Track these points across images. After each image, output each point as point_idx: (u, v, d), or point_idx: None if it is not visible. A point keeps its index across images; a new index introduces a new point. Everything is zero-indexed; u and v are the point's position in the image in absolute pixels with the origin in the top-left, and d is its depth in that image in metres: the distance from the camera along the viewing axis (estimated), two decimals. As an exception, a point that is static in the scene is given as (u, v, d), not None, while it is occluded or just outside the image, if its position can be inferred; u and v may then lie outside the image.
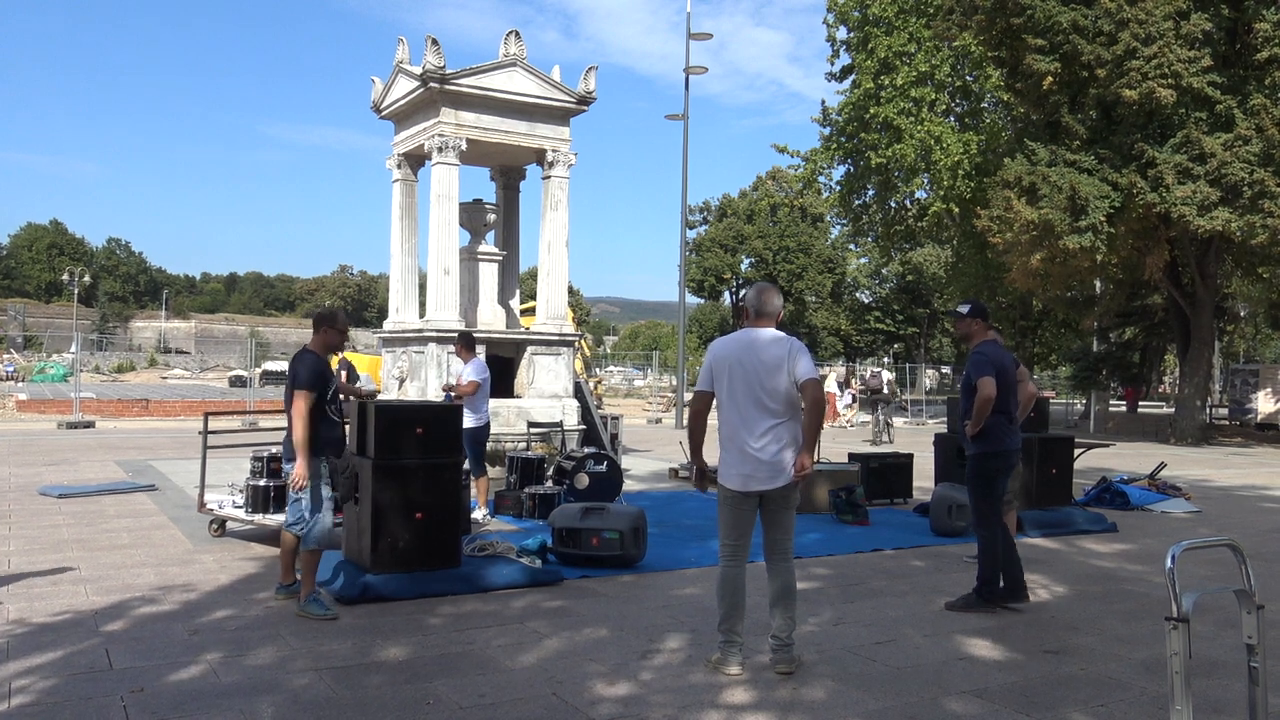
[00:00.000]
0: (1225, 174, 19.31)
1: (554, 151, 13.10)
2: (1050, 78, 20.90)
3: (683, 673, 4.77)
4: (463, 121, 12.41)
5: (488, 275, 13.47)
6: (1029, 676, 4.85)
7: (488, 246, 13.60)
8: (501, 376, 12.31)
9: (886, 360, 66.28)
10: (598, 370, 41.05)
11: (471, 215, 13.20)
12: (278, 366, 50.18)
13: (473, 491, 9.16)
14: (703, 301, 76.52)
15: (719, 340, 5.04)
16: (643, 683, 4.62)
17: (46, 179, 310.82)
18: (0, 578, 6.52)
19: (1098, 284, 27.49)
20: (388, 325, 13.95)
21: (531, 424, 12.18)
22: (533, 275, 16.69)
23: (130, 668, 4.69)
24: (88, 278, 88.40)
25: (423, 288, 13.33)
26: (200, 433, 8.97)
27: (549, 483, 9.93)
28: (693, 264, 67.55)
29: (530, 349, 13.07)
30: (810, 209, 65.03)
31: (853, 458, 11.63)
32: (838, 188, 31.47)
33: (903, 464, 11.54)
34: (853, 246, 55.05)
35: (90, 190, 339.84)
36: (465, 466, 8.86)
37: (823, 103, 30.76)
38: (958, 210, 28.13)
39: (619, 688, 4.54)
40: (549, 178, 13.25)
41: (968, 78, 29.09)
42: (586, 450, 10.64)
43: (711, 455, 4.93)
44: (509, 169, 14.37)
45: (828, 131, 30.45)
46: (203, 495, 8.30)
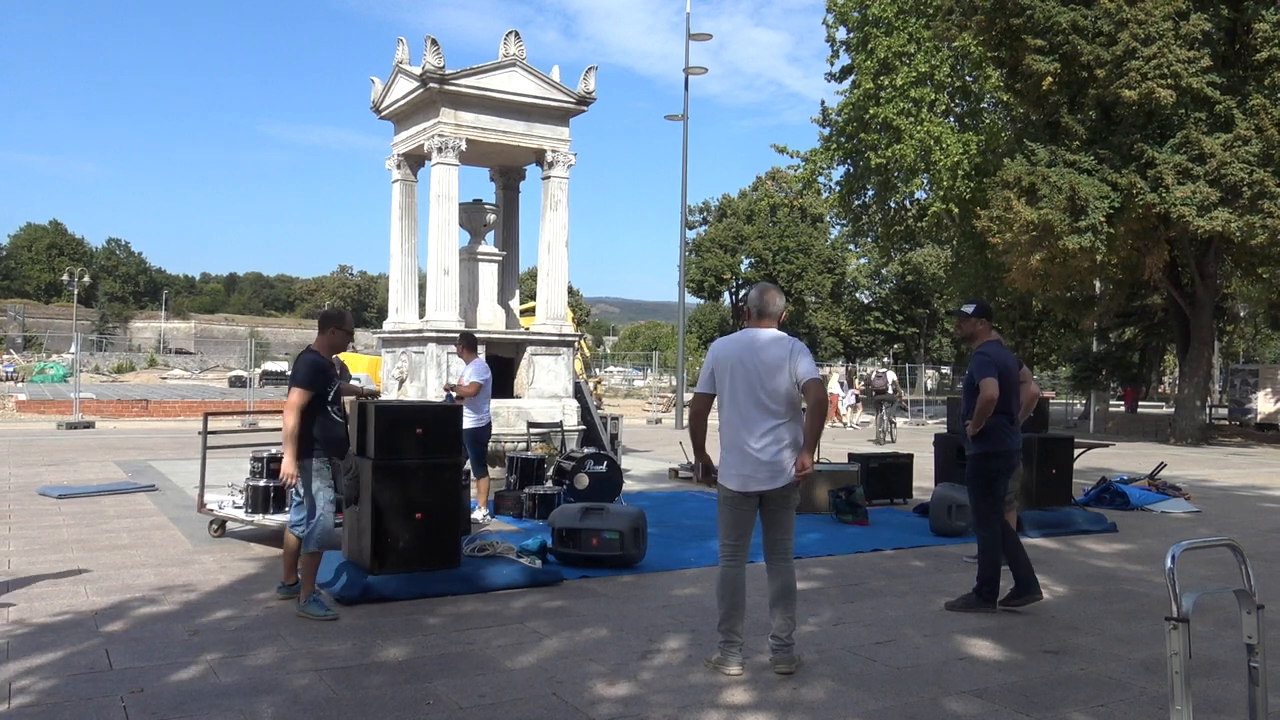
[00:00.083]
0: (1225, 174, 19.31)
1: (553, 152, 13.10)
2: (1050, 78, 20.91)
3: (683, 673, 4.77)
4: (462, 122, 12.41)
5: (487, 275, 13.47)
6: (1029, 676, 4.85)
7: (487, 247, 13.60)
8: (501, 377, 12.31)
9: (886, 360, 66.32)
10: (597, 370, 41.04)
11: (471, 215, 13.20)
12: (277, 367, 50.19)
13: (473, 491, 9.16)
14: (702, 302, 76.56)
15: (720, 340, 5.03)
16: (643, 683, 4.62)
17: (46, 179, 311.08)
18: (3, 581, 6.51)
19: (1097, 284, 27.50)
20: (387, 325, 13.95)
21: (531, 424, 12.18)
22: (532, 275, 16.68)
23: (130, 668, 4.69)
24: (87, 278, 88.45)
25: (422, 288, 13.32)
26: (200, 433, 8.97)
27: (549, 483, 9.93)
28: (692, 264, 67.59)
29: (530, 349, 13.07)
30: (810, 209, 65.11)
31: (852, 458, 11.64)
32: (837, 188, 31.47)
33: (903, 464, 11.54)
34: (852, 247, 55.04)
35: (90, 190, 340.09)
36: (466, 467, 8.88)
37: (822, 103, 30.79)
38: (957, 210, 28.13)
39: (619, 688, 4.54)
40: (549, 178, 13.25)
41: (967, 78, 29.09)
42: (586, 450, 10.64)
43: (712, 455, 4.94)
44: (509, 169, 14.37)
45: (827, 132, 30.45)
46: (203, 495, 8.30)
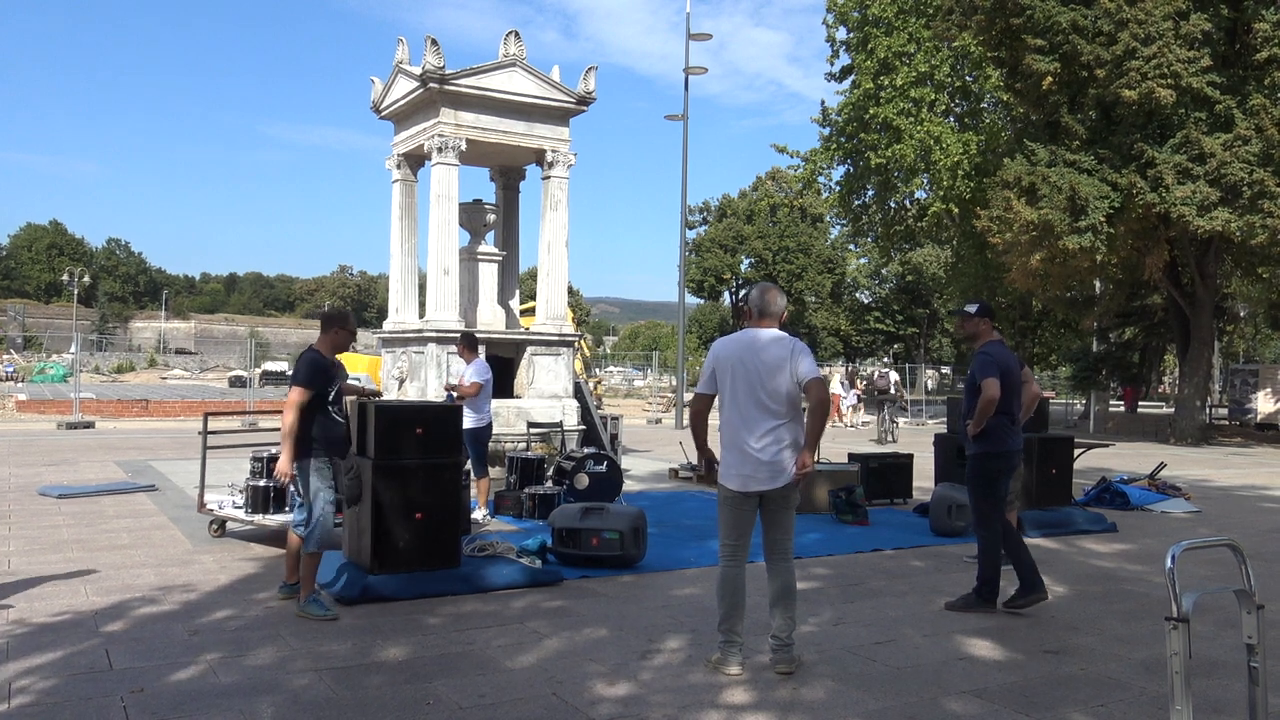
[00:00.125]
0: (1225, 174, 19.31)
1: (553, 152, 13.09)
2: (1050, 78, 20.91)
3: (682, 673, 4.77)
4: (462, 122, 12.41)
5: (487, 275, 13.47)
6: (1029, 676, 4.85)
7: (487, 247, 13.60)
8: (501, 377, 12.31)
9: (886, 360, 66.33)
10: (597, 370, 41.04)
11: (471, 215, 13.19)
12: (277, 367, 50.22)
13: (473, 491, 9.16)
14: (702, 302, 76.58)
15: (721, 340, 5.03)
16: (643, 683, 4.62)
17: (46, 179, 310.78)
18: (3, 581, 6.51)
19: (1097, 284, 27.50)
20: (387, 325, 13.94)
21: (531, 424, 12.18)
22: (532, 275, 16.68)
23: (130, 668, 4.69)
24: (87, 278, 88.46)
25: (422, 288, 13.32)
26: (200, 433, 8.97)
27: (549, 483, 9.93)
28: (692, 264, 67.60)
29: (530, 349, 13.07)
30: (810, 209, 65.12)
31: (852, 458, 11.63)
32: (837, 188, 31.47)
33: (902, 464, 11.54)
34: (852, 247, 55.09)
35: (90, 190, 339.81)
36: (466, 467, 8.88)
37: (822, 103, 30.79)
38: (957, 210, 28.14)
39: (619, 688, 4.54)
40: (549, 178, 13.25)
41: (967, 78, 29.09)
42: (586, 450, 10.64)
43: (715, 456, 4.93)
44: (509, 169, 14.37)
45: (827, 132, 30.45)
46: (202, 495, 8.30)
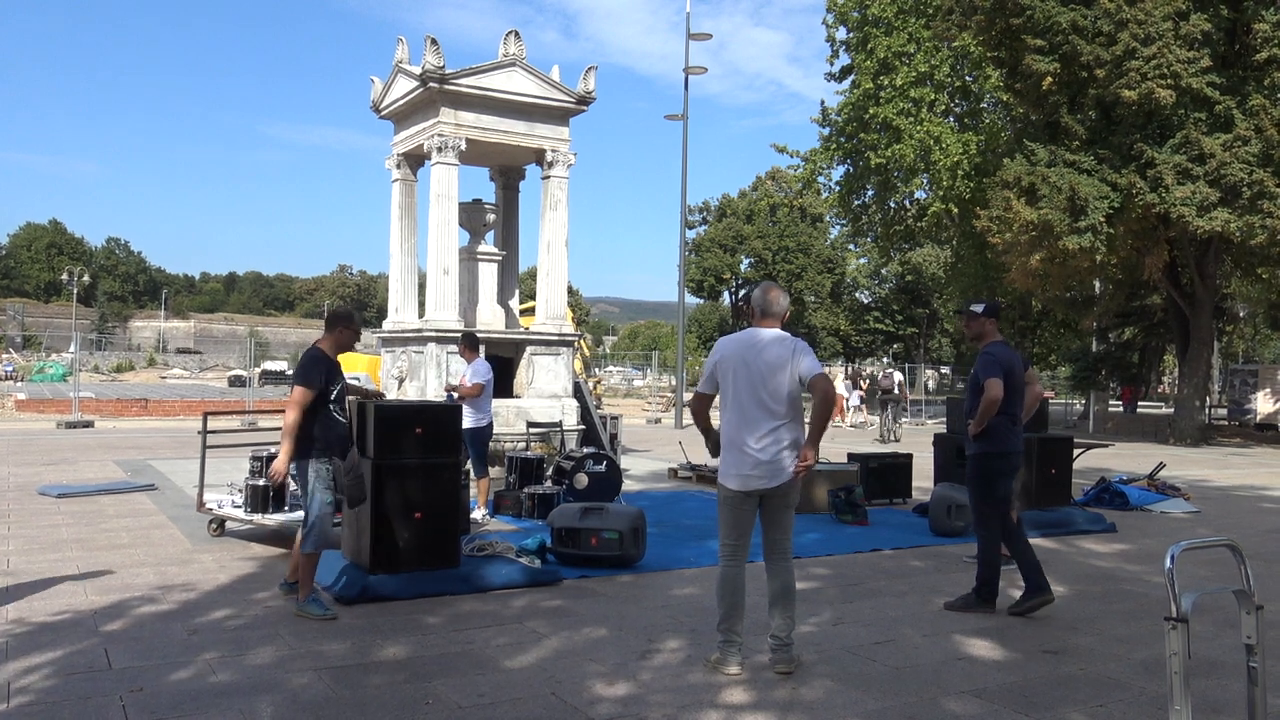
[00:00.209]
0: (1224, 174, 19.32)
1: (553, 151, 13.09)
2: (1050, 78, 20.91)
3: (682, 672, 4.77)
4: (462, 121, 12.40)
5: (487, 275, 13.47)
6: (1028, 677, 4.85)
7: (487, 246, 13.60)
8: (501, 376, 12.31)
9: (886, 360, 66.33)
10: (597, 370, 41.04)
11: (471, 215, 13.20)
12: (277, 366, 50.24)
13: (472, 491, 9.16)
14: (702, 301, 76.57)
15: (723, 339, 5.01)
16: (642, 682, 4.62)
17: (46, 179, 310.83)
18: (2, 580, 6.52)
19: (1097, 284, 27.50)
20: (387, 325, 13.94)
21: (531, 424, 12.18)
22: (532, 275, 16.68)
23: (129, 667, 4.69)
24: (87, 277, 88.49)
25: (422, 288, 13.32)
26: (199, 432, 8.96)
27: (548, 483, 9.92)
28: (692, 264, 67.57)
29: (529, 349, 13.07)
30: (810, 209, 65.10)
31: (852, 458, 11.63)
32: (837, 188, 31.49)
33: (902, 464, 11.54)
34: (852, 247, 55.05)
35: (90, 190, 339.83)
36: (467, 467, 8.88)
37: (822, 103, 30.80)
38: (957, 210, 28.14)
39: (618, 687, 4.54)
40: (548, 178, 13.25)
41: (967, 78, 29.10)
42: (586, 450, 10.64)
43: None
44: (508, 169, 14.37)
45: (827, 132, 30.46)
46: (202, 495, 8.29)
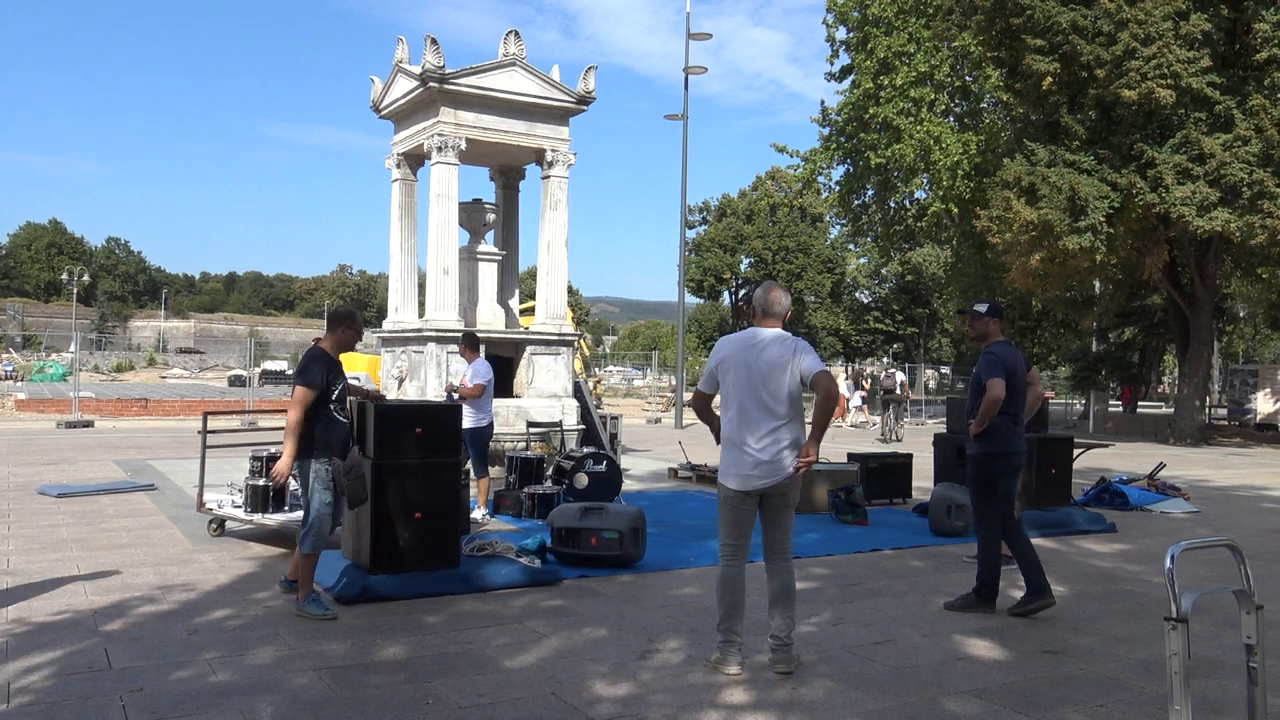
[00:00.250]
0: (1224, 174, 19.32)
1: (553, 151, 13.09)
2: (1050, 78, 20.91)
3: (682, 672, 4.77)
4: (462, 121, 12.40)
5: (487, 275, 13.47)
6: (1028, 677, 4.85)
7: (487, 246, 13.60)
8: (501, 376, 12.31)
9: (886, 360, 66.35)
10: (597, 370, 41.05)
11: (471, 215, 13.19)
12: (277, 366, 50.23)
13: (472, 491, 9.16)
14: (702, 301, 76.57)
15: (724, 339, 5.01)
16: (642, 682, 4.62)
17: (46, 178, 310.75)
18: (2, 580, 6.52)
19: (1097, 284, 27.50)
20: (387, 325, 13.94)
21: (531, 424, 12.18)
22: (532, 275, 16.68)
23: (129, 667, 4.69)
24: (87, 277, 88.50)
25: (422, 287, 13.32)
26: (199, 432, 8.96)
27: (548, 482, 9.92)
28: (692, 264, 67.58)
29: (529, 349, 13.07)
30: (810, 209, 65.10)
31: (852, 458, 11.63)
32: (837, 188, 31.48)
33: (902, 464, 11.54)
34: (852, 246, 55.06)
35: (90, 190, 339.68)
36: (467, 466, 8.88)
37: (822, 103, 30.80)
38: (957, 210, 28.15)
39: (618, 687, 4.54)
40: (548, 177, 13.25)
41: (967, 78, 29.10)
42: (586, 450, 10.63)
43: (713, 455, 4.93)
44: (508, 169, 14.37)
45: (827, 132, 30.46)
46: (202, 495, 8.29)
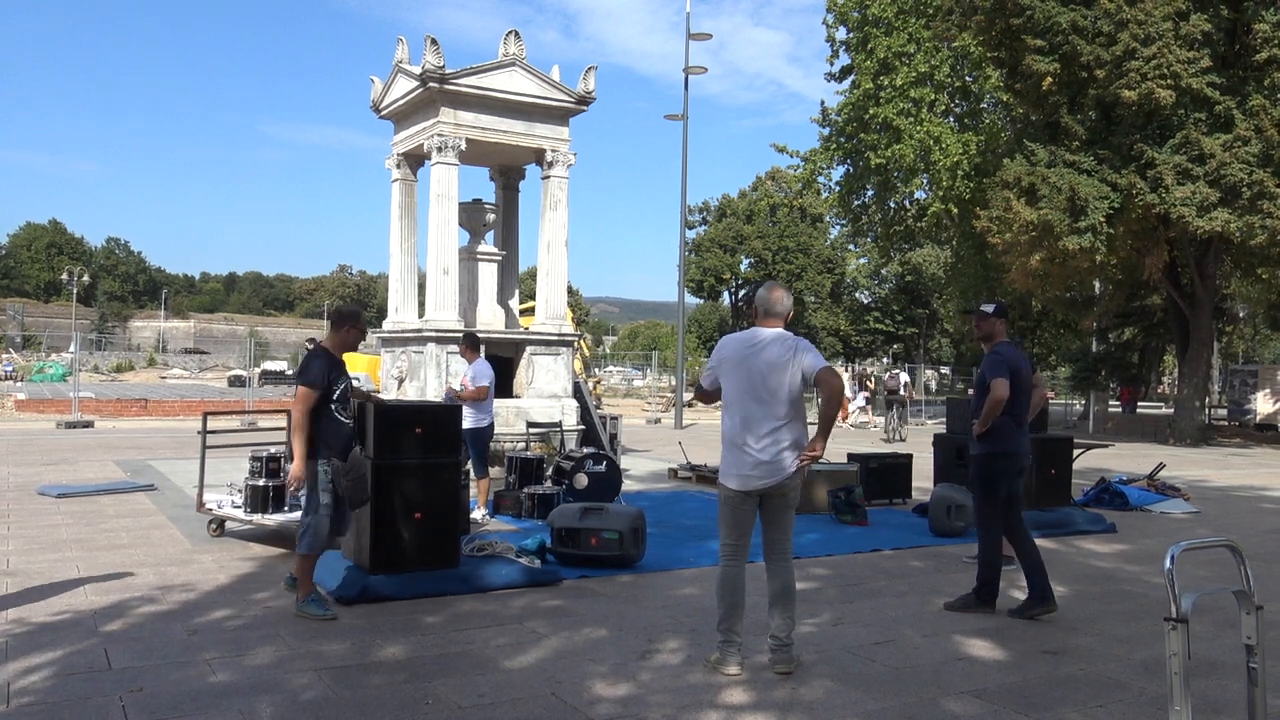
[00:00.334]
0: (1224, 175, 19.31)
1: (553, 151, 13.10)
2: (1050, 78, 20.91)
3: (681, 673, 4.77)
4: (462, 121, 12.41)
5: (487, 275, 13.48)
6: (1028, 677, 4.85)
7: (487, 246, 13.60)
8: (501, 376, 12.32)
9: (886, 360, 66.36)
10: (597, 370, 41.05)
11: (471, 215, 13.20)
12: (277, 366, 50.23)
13: (472, 491, 9.16)
14: (702, 302, 76.58)
15: (725, 339, 5.00)
16: (641, 683, 4.62)
17: (46, 178, 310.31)
18: (1, 581, 6.52)
19: (1097, 284, 27.50)
20: (387, 325, 13.95)
21: (530, 424, 12.19)
22: (532, 275, 16.68)
23: (129, 667, 4.69)
24: (87, 277, 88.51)
25: (422, 287, 13.33)
26: (199, 432, 8.96)
27: (548, 483, 9.92)
28: (692, 264, 67.58)
29: (529, 349, 13.08)
30: (809, 209, 65.10)
31: (852, 458, 11.62)
32: (837, 188, 31.45)
33: (902, 464, 11.53)
34: (852, 247, 55.07)
35: (90, 190, 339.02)
36: (467, 467, 8.88)
37: (822, 103, 30.77)
38: (957, 211, 28.12)
39: (618, 688, 4.54)
40: (548, 178, 13.25)
41: (967, 78, 29.08)
42: (585, 450, 10.63)
43: (713, 455, 4.93)
44: (508, 169, 14.37)
45: (827, 132, 30.43)
46: (201, 495, 8.29)
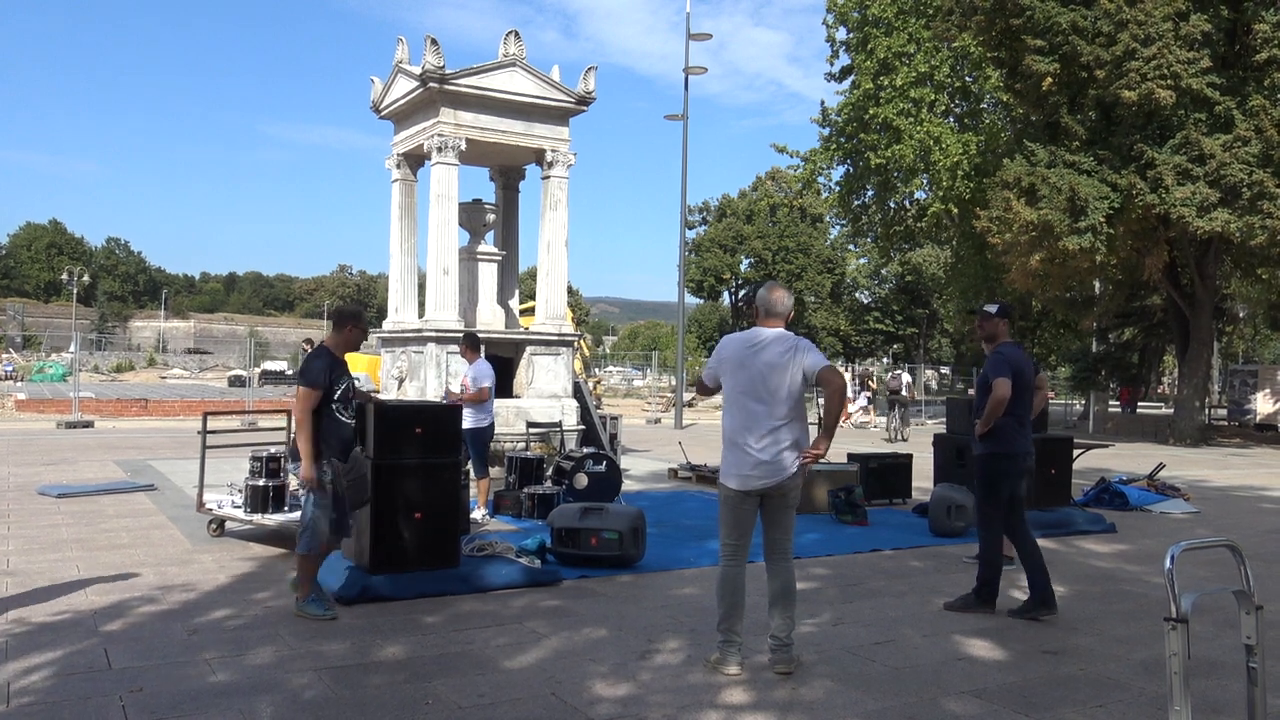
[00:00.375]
0: (1224, 175, 19.32)
1: (553, 151, 13.10)
2: (1050, 78, 20.91)
3: (681, 673, 4.77)
4: (462, 121, 12.41)
5: (487, 275, 13.48)
6: (1028, 677, 4.85)
7: (487, 246, 13.60)
8: (501, 376, 12.32)
9: (886, 360, 66.38)
10: (597, 370, 41.05)
11: (471, 215, 13.20)
12: (277, 366, 50.25)
13: (472, 491, 9.16)
14: (702, 302, 76.59)
15: (726, 338, 5.00)
16: (641, 683, 4.62)
17: (46, 178, 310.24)
18: (2, 580, 6.52)
19: (1097, 285, 27.50)
20: (387, 325, 13.94)
21: (530, 424, 12.18)
22: (532, 275, 16.68)
23: (129, 667, 4.69)
24: (87, 277, 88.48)
25: (422, 288, 13.33)
26: (199, 432, 8.96)
27: (548, 483, 9.92)
28: (692, 264, 67.59)
29: (529, 349, 13.08)
30: (809, 209, 65.12)
31: (852, 458, 11.62)
32: (837, 188, 31.46)
33: (902, 464, 11.53)
34: (852, 247, 55.05)
35: (90, 190, 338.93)
36: (467, 467, 8.88)
37: (822, 103, 30.77)
38: (957, 211, 28.12)
39: (618, 688, 4.54)
40: (548, 178, 13.25)
41: (967, 78, 29.08)
42: (585, 450, 10.63)
43: (713, 455, 4.93)
44: (508, 169, 14.37)
45: (827, 132, 30.43)
46: (201, 495, 8.29)
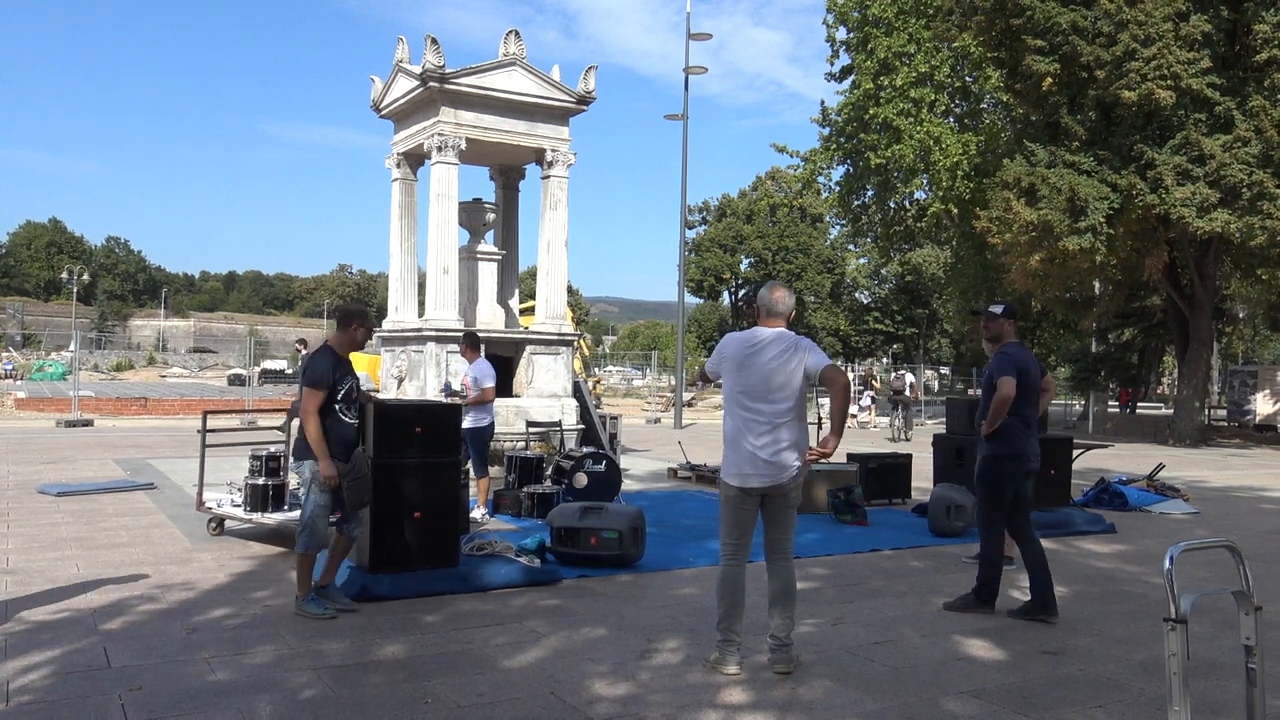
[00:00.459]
0: (1224, 175, 19.33)
1: (553, 151, 13.10)
2: (1050, 79, 20.92)
3: (681, 672, 4.77)
4: (462, 121, 12.41)
5: (487, 275, 13.48)
6: (1027, 677, 4.85)
7: (487, 246, 13.60)
8: (500, 376, 12.33)
9: (886, 360, 66.37)
10: (596, 370, 41.08)
11: (471, 214, 13.20)
12: (276, 365, 50.29)
13: (472, 490, 9.16)
14: (702, 301, 76.62)
15: (727, 338, 5.00)
16: (641, 682, 4.62)
17: (46, 177, 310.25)
18: (2, 583, 6.52)
19: (1097, 285, 27.51)
20: (387, 324, 13.94)
21: (530, 423, 12.19)
22: (532, 275, 16.68)
23: (128, 666, 4.69)
24: (87, 276, 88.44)
25: (422, 287, 13.33)
26: (199, 431, 8.96)
27: (547, 482, 9.93)
28: (692, 264, 67.62)
29: (529, 348, 13.08)
30: (809, 209, 65.15)
31: (851, 458, 11.62)
32: (837, 188, 31.47)
33: (901, 464, 11.54)
34: (852, 247, 55.12)
35: (90, 189, 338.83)
36: (467, 466, 8.88)
37: (822, 103, 30.78)
38: (957, 211, 28.14)
39: (617, 687, 4.54)
40: (548, 177, 13.25)
41: (967, 78, 29.10)
42: (585, 450, 10.64)
43: (713, 455, 4.93)
44: (508, 168, 14.37)
45: (827, 132, 30.44)
46: (201, 494, 8.30)
